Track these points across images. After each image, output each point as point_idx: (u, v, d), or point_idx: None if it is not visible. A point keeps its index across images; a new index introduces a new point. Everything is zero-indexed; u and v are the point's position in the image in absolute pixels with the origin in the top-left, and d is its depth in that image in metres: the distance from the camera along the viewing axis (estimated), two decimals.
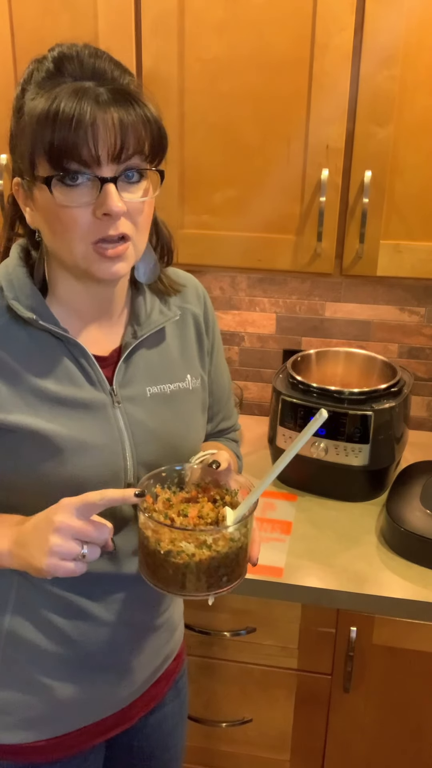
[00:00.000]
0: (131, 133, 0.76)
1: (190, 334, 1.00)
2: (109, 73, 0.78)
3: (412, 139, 1.31)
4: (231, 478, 0.90)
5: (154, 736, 1.11)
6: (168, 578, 0.81)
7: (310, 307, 1.86)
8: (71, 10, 1.32)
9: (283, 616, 1.35)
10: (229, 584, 0.83)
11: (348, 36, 1.25)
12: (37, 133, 0.75)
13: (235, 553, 0.82)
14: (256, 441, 1.81)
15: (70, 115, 0.73)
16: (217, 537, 0.80)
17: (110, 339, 0.92)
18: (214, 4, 1.28)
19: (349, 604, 1.29)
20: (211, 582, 0.81)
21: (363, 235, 1.37)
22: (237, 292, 1.87)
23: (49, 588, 0.90)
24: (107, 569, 0.91)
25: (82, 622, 0.92)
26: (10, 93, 1.38)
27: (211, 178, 1.40)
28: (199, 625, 1.39)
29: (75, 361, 0.87)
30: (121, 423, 0.89)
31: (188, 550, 0.78)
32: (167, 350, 0.96)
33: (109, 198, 0.76)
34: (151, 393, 0.92)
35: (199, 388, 0.99)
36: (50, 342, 0.86)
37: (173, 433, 0.94)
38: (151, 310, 0.95)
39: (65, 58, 0.77)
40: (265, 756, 1.50)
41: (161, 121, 0.80)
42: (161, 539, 0.79)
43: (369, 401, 1.49)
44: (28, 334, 0.85)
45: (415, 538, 1.33)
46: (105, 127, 0.74)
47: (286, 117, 1.33)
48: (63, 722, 0.96)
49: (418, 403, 1.88)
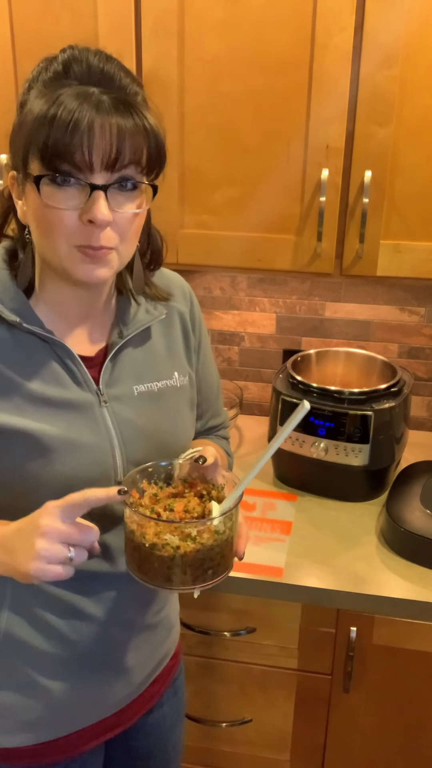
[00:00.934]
0: (128, 142, 0.75)
1: (176, 331, 1.01)
2: (117, 81, 0.78)
3: (412, 139, 1.31)
4: (218, 474, 0.90)
5: (153, 736, 1.11)
6: (154, 571, 0.81)
7: (310, 307, 1.86)
8: (71, 10, 1.32)
9: (283, 616, 1.35)
10: (215, 578, 0.83)
11: (348, 36, 1.25)
12: (33, 131, 0.75)
13: (221, 546, 0.82)
14: (256, 441, 1.81)
15: (68, 117, 0.73)
16: (202, 529, 0.80)
17: (96, 339, 0.93)
18: (214, 4, 1.28)
19: (349, 604, 1.29)
20: (197, 575, 0.81)
21: (363, 235, 1.37)
22: (237, 292, 1.87)
23: (45, 587, 0.90)
24: (102, 568, 0.91)
25: (78, 621, 0.92)
26: (10, 93, 1.39)
27: (211, 178, 1.40)
28: (199, 625, 1.39)
29: (61, 362, 0.87)
30: (108, 422, 0.89)
31: (173, 542, 0.79)
32: (154, 348, 0.97)
33: (95, 206, 0.76)
34: (138, 391, 0.93)
35: (186, 386, 1.00)
36: (35, 344, 0.86)
37: (162, 430, 0.94)
38: (137, 310, 0.95)
39: (74, 60, 0.77)
40: (265, 756, 1.50)
41: (162, 134, 0.79)
42: (146, 533, 0.79)
43: (369, 401, 1.49)
44: (12, 336, 0.85)
45: (415, 538, 1.33)
46: (102, 133, 0.74)
47: (286, 117, 1.33)
48: (62, 724, 0.96)
49: (418, 403, 1.88)
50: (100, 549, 0.81)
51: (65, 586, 0.90)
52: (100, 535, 0.80)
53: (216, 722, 1.47)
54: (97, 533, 0.78)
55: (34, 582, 0.77)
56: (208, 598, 1.37)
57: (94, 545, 0.78)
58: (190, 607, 1.36)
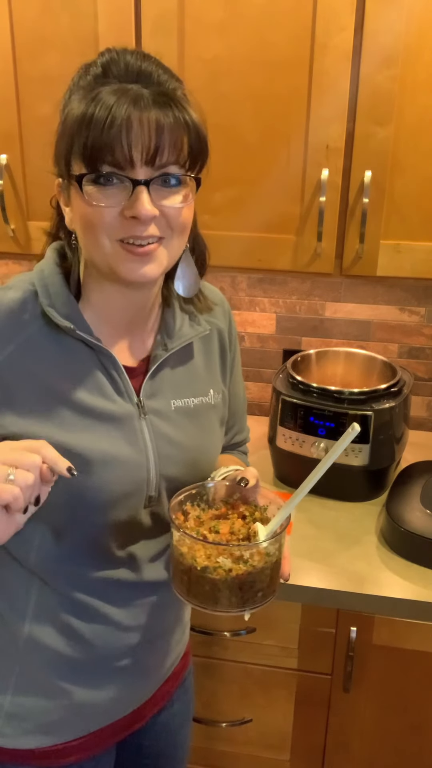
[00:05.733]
0: (168, 135, 0.74)
1: (214, 348, 1.00)
2: (155, 77, 0.77)
3: (412, 139, 1.31)
4: (258, 494, 0.90)
5: (164, 735, 1.11)
6: (204, 594, 0.80)
7: (310, 307, 1.86)
8: (71, 10, 1.32)
9: (283, 616, 1.35)
10: (264, 600, 0.83)
11: (348, 36, 1.25)
12: (73, 133, 0.74)
13: (270, 568, 0.82)
14: (256, 441, 1.80)
15: (105, 114, 0.72)
16: (254, 552, 0.80)
17: (138, 349, 0.91)
18: (214, 4, 1.28)
19: (349, 604, 1.29)
20: (247, 597, 0.81)
21: (363, 235, 1.37)
22: (237, 292, 1.87)
23: (69, 592, 0.90)
24: (129, 577, 0.91)
25: (102, 626, 0.92)
26: (11, 93, 1.39)
27: (211, 178, 1.40)
28: (200, 625, 1.39)
29: (105, 372, 0.86)
30: (146, 435, 0.88)
31: (225, 565, 0.78)
32: (193, 364, 0.96)
33: (138, 201, 0.75)
34: (175, 406, 0.92)
35: (220, 403, 0.99)
36: (81, 351, 0.85)
37: (195, 447, 0.93)
38: (182, 323, 0.94)
39: (112, 62, 0.76)
40: (265, 756, 1.50)
41: (203, 128, 0.79)
42: (197, 555, 0.79)
43: (369, 401, 1.49)
44: (58, 342, 0.83)
45: (415, 538, 1.33)
46: (140, 127, 0.73)
47: (286, 117, 1.33)
48: (79, 726, 0.96)
49: (418, 403, 1.88)
50: (75, 473, 0.73)
51: (91, 592, 0.90)
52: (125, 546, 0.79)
53: (216, 722, 1.47)
54: (40, 460, 0.71)
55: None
56: None
57: (44, 470, 0.71)
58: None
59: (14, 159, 1.44)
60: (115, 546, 0.89)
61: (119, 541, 0.89)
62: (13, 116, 1.42)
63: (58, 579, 0.89)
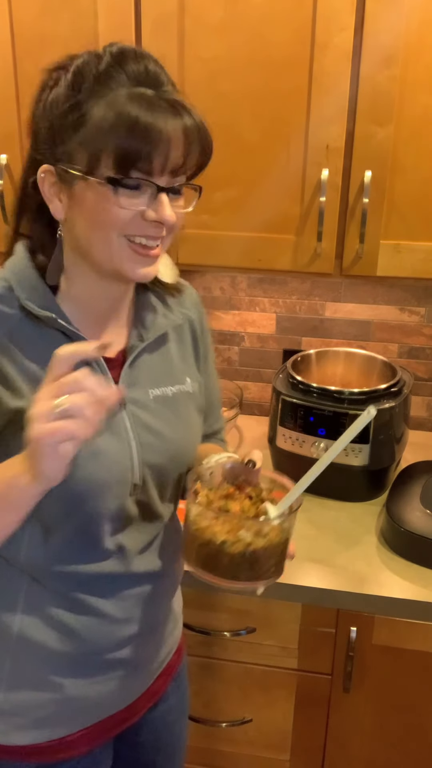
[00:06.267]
0: (195, 149, 0.78)
1: (187, 338, 1.02)
2: (167, 85, 0.79)
3: (412, 139, 1.31)
4: (260, 476, 0.93)
5: (159, 730, 1.12)
6: (222, 568, 0.83)
7: (310, 307, 1.86)
8: (71, 10, 1.32)
9: (283, 616, 1.35)
10: (276, 575, 0.87)
11: (348, 36, 1.25)
12: (108, 134, 0.74)
13: (284, 545, 0.86)
14: (256, 441, 1.81)
15: (148, 126, 0.74)
16: (273, 526, 0.84)
17: (116, 341, 0.92)
18: (214, 4, 1.28)
19: (349, 604, 1.29)
20: (261, 572, 0.84)
21: (363, 235, 1.36)
22: (237, 292, 1.87)
23: (59, 587, 0.91)
24: (118, 569, 0.92)
25: (92, 619, 0.92)
26: (11, 93, 1.39)
27: (210, 178, 1.40)
28: (199, 625, 1.39)
29: (84, 362, 0.85)
30: (127, 425, 0.89)
31: (246, 538, 0.82)
32: (168, 353, 0.97)
33: (162, 207, 0.78)
34: (153, 395, 0.93)
35: (197, 391, 1.01)
36: (61, 342, 0.84)
37: (175, 434, 0.94)
38: (156, 315, 0.96)
39: (124, 58, 0.77)
40: (265, 756, 1.50)
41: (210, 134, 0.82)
42: (216, 530, 0.82)
43: (369, 401, 1.49)
44: (38, 333, 0.84)
45: (415, 538, 1.33)
46: (177, 141, 0.76)
47: (286, 117, 1.33)
48: (74, 720, 0.97)
49: (418, 403, 1.88)
50: (122, 400, 0.72)
51: (80, 587, 0.91)
52: (113, 536, 0.80)
53: (216, 722, 1.47)
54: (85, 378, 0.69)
55: (54, 465, 0.70)
56: (209, 597, 1.37)
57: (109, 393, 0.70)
58: (190, 607, 1.35)
59: (14, 159, 1.43)
60: (103, 538, 0.90)
61: (107, 532, 0.90)
62: (13, 116, 1.41)
63: (48, 575, 0.90)
